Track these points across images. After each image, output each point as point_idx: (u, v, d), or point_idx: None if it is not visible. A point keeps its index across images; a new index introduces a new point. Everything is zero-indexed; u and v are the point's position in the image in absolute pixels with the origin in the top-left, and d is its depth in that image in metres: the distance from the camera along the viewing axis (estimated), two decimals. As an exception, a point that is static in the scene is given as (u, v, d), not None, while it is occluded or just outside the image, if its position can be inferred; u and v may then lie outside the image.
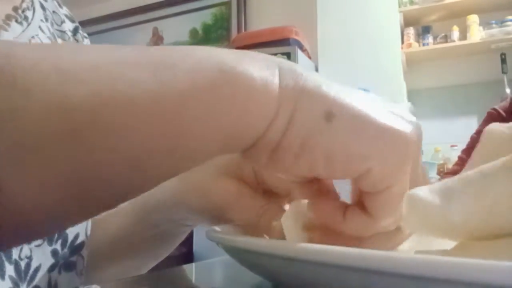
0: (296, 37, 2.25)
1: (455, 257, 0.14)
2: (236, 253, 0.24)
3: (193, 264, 0.39)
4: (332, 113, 0.21)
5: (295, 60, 2.08)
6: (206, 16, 2.85)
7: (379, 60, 2.27)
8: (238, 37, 2.46)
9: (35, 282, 0.36)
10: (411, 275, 0.14)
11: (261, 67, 0.21)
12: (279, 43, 2.20)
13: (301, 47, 2.25)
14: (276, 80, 0.21)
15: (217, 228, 0.26)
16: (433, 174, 1.88)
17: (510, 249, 0.19)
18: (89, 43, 0.54)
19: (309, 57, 2.36)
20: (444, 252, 0.21)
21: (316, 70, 2.40)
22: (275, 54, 2.10)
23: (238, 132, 0.21)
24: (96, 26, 3.04)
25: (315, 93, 0.21)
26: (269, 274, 0.23)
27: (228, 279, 0.33)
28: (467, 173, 0.21)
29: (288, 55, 2.10)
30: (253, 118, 0.21)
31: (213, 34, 2.83)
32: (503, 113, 1.16)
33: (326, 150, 0.21)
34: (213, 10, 2.83)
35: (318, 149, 0.21)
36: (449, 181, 0.21)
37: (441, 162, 2.18)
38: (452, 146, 2.25)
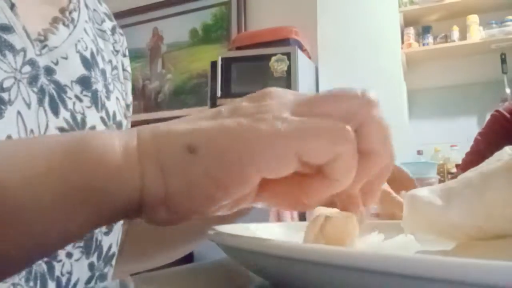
0: (296, 37, 2.25)
1: (455, 257, 0.14)
2: (236, 253, 0.24)
3: (193, 264, 0.39)
4: (193, 144, 0.22)
5: (295, 60, 2.08)
6: (206, 16, 2.85)
7: (379, 60, 2.27)
8: (238, 37, 2.47)
9: None
10: (411, 275, 0.14)
11: (117, 135, 0.23)
12: (279, 43, 2.20)
13: (301, 47, 2.25)
14: (134, 142, 0.22)
15: (217, 228, 0.26)
16: (433, 174, 1.88)
17: (510, 249, 0.19)
18: (124, 41, 0.54)
19: (309, 57, 2.36)
20: (444, 252, 0.21)
21: (316, 70, 2.40)
22: (275, 54, 2.10)
23: (102, 195, 0.21)
24: (96, 26, 3.03)
25: (169, 133, 0.22)
26: (269, 274, 0.23)
27: (228, 280, 0.33)
28: (467, 174, 0.21)
29: (288, 55, 2.10)
30: (117, 180, 0.22)
31: (213, 34, 2.83)
32: (507, 115, 1.15)
33: (211, 177, 0.21)
34: (213, 10, 2.83)
35: (202, 181, 0.21)
36: (450, 182, 0.21)
37: (441, 162, 2.18)
38: (452, 146, 2.25)
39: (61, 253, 0.36)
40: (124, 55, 0.53)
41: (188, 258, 2.26)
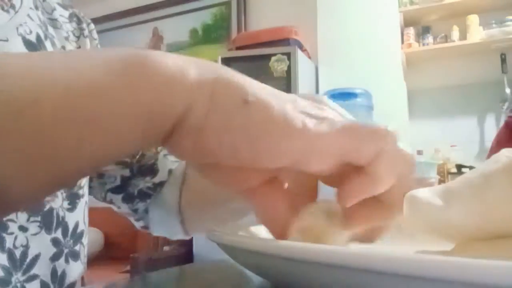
0: (296, 37, 2.25)
1: (455, 257, 0.14)
2: (236, 253, 0.24)
3: (193, 264, 0.39)
4: (249, 99, 0.22)
5: (295, 60, 2.08)
6: (206, 16, 2.85)
7: (379, 60, 2.27)
8: (238, 37, 2.46)
9: (33, 271, 0.36)
10: (411, 275, 0.14)
11: (176, 59, 0.23)
12: (279, 43, 2.20)
13: (301, 47, 2.25)
14: (192, 70, 0.22)
15: (217, 228, 0.26)
16: (433, 174, 1.88)
17: (510, 249, 0.19)
18: (92, 27, 0.54)
19: (309, 57, 2.36)
20: (444, 252, 0.21)
21: (316, 70, 2.40)
22: (275, 54, 2.10)
23: (157, 111, 0.21)
24: (96, 26, 3.02)
25: (231, 82, 0.23)
26: (269, 274, 0.23)
27: (228, 280, 0.33)
28: (468, 175, 0.21)
29: (288, 55, 2.09)
30: (170, 99, 0.21)
31: (213, 34, 2.83)
32: None
33: (247, 130, 0.22)
34: (213, 10, 2.83)
35: (239, 130, 0.22)
36: (450, 183, 0.21)
37: (441, 162, 2.18)
38: (452, 146, 2.25)
39: (12, 226, 0.35)
40: (85, 37, 0.53)
41: (188, 258, 2.25)
